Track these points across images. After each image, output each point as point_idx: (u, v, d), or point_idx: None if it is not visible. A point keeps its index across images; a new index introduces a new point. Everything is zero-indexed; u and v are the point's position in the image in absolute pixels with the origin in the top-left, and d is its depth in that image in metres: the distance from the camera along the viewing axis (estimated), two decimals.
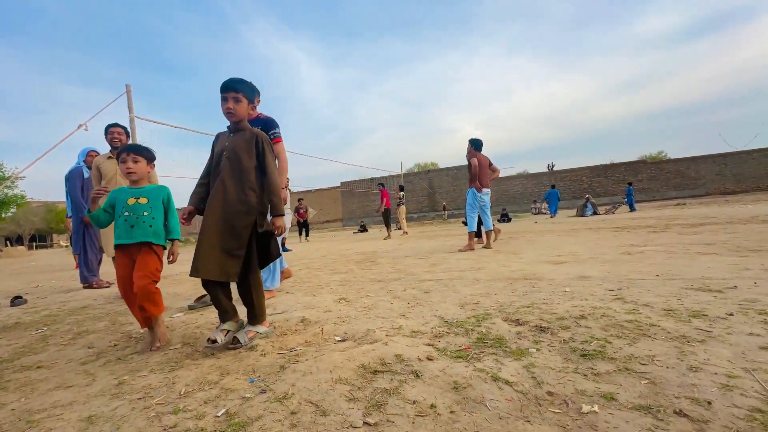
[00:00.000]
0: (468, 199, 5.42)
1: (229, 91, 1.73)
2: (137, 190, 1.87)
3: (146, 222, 1.81)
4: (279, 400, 1.15)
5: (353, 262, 4.96)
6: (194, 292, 3.35)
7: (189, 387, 1.31)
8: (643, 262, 3.04)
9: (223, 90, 1.74)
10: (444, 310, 2.08)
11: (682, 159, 25.12)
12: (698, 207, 12.61)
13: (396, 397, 1.13)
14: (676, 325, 1.53)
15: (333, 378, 1.27)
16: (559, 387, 1.11)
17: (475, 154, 5.37)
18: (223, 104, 1.75)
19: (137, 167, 1.89)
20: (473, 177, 5.30)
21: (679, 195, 24.18)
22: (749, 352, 1.23)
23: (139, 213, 1.80)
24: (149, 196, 1.87)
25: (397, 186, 12.22)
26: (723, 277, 2.31)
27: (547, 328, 1.62)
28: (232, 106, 1.73)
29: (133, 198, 1.84)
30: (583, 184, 26.66)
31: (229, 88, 1.73)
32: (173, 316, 2.48)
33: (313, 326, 1.95)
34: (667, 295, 1.98)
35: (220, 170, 1.73)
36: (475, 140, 5.49)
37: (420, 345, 1.54)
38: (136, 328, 2.22)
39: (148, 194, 1.88)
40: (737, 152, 23.85)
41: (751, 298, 1.82)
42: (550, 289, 2.38)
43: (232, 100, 1.73)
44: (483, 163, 5.35)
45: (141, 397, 1.27)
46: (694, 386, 1.05)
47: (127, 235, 1.78)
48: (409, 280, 3.17)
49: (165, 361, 1.62)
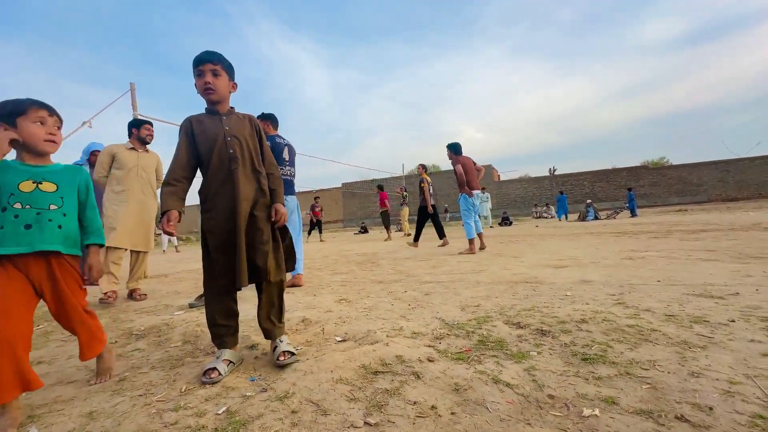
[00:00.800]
0: (461, 205, 5.40)
1: (205, 63, 1.44)
2: (38, 169, 1.25)
3: (54, 220, 1.23)
4: (280, 399, 1.16)
5: (354, 263, 4.96)
6: (194, 290, 3.36)
7: (190, 384, 1.32)
8: (644, 268, 3.04)
9: (198, 63, 1.44)
10: (445, 312, 2.08)
11: (684, 165, 25.10)
12: (700, 213, 12.59)
13: (397, 397, 1.13)
14: (677, 330, 1.52)
15: (334, 378, 1.28)
16: (560, 390, 1.11)
17: (457, 159, 5.33)
18: (199, 80, 1.45)
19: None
20: (461, 183, 5.27)
21: (680, 201, 24.15)
22: (751, 358, 1.23)
23: (42, 206, 1.21)
24: (59, 181, 1.28)
25: (400, 187, 12.24)
26: (725, 283, 2.30)
27: (548, 331, 1.62)
28: (210, 80, 1.44)
29: (32, 182, 1.21)
30: (585, 189, 26.64)
31: (205, 60, 1.44)
32: (173, 314, 2.49)
33: (314, 326, 1.95)
34: (668, 301, 1.98)
35: (223, 160, 1.46)
36: (454, 144, 5.46)
37: (421, 346, 1.54)
38: (137, 324, 2.22)
39: (57, 178, 1.28)
40: (739, 159, 23.81)
41: (753, 304, 1.81)
42: (551, 292, 2.38)
43: (210, 73, 1.45)
44: (468, 166, 5.32)
45: (142, 393, 1.27)
46: (695, 392, 1.04)
47: (17, 239, 1.15)
48: (409, 281, 3.17)
49: (166, 358, 1.63)
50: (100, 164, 3.31)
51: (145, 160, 3.45)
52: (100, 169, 3.31)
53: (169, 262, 7.27)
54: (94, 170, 3.40)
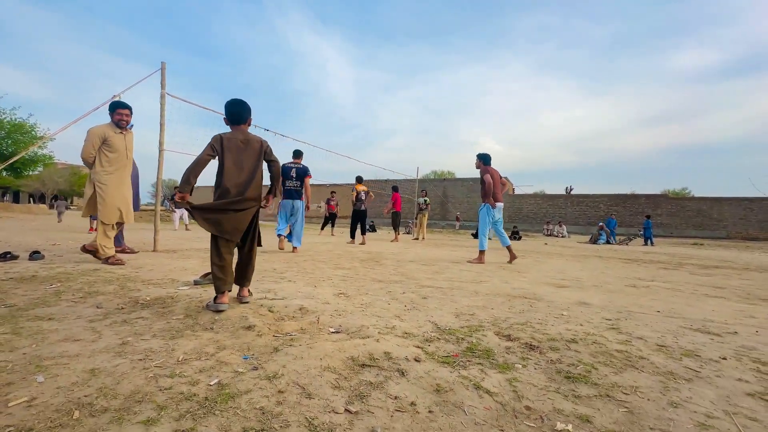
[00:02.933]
0: (481, 215, 5.41)
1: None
2: None
3: None
4: (269, 378, 1.21)
5: (358, 260, 5.02)
6: (202, 267, 3.46)
7: (187, 355, 1.39)
8: (646, 297, 3.01)
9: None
10: (439, 317, 2.12)
11: (706, 198, 24.46)
12: (716, 249, 12.27)
13: (379, 391, 1.17)
14: (665, 361, 1.53)
15: (322, 365, 1.33)
16: (538, 403, 1.14)
17: (486, 169, 5.35)
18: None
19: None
20: (487, 193, 5.28)
21: (698, 234, 23.53)
22: (734, 396, 1.23)
23: None
24: None
25: (422, 191, 12.21)
26: (725, 321, 2.28)
27: (537, 347, 1.64)
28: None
29: None
30: (600, 212, 26.18)
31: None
32: (179, 288, 2.58)
33: (310, 315, 2.01)
34: (663, 332, 1.97)
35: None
36: (484, 155, 5.47)
37: (410, 346, 1.58)
38: (143, 294, 2.32)
39: None
40: (764, 198, 23.06)
41: (749, 345, 1.80)
42: (547, 310, 2.39)
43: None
44: (495, 178, 5.36)
45: (141, 358, 1.35)
46: (670, 421, 1.06)
47: None
48: (409, 284, 3.21)
49: (167, 328, 1.71)
50: (91, 145, 3.63)
51: (129, 141, 3.89)
52: (90, 149, 3.63)
53: (179, 239, 7.46)
54: (84, 147, 3.64)
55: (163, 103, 5.14)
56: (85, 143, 3.61)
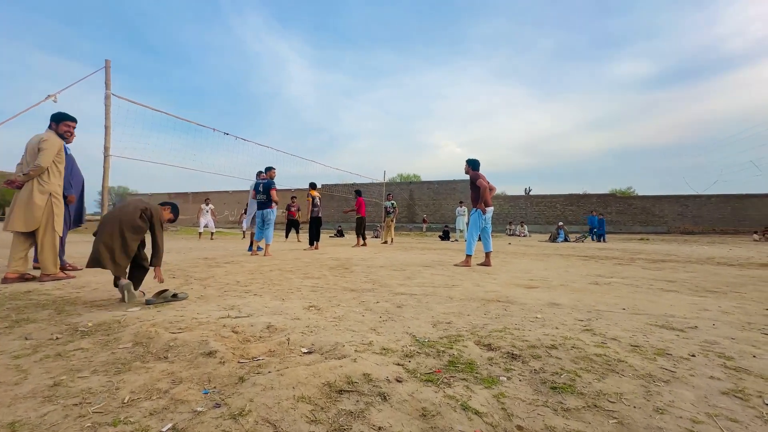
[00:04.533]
0: (472, 220, 5.38)
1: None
2: None
3: None
4: (234, 417, 1.06)
5: (327, 267, 4.85)
6: (154, 283, 3.15)
7: (135, 394, 1.20)
8: (610, 294, 3.13)
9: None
10: (416, 327, 2.04)
11: (648, 197, 26.56)
12: (660, 243, 13.30)
13: (360, 421, 1.06)
14: (642, 362, 1.54)
15: (295, 395, 1.19)
16: (528, 421, 1.08)
17: (478, 175, 5.32)
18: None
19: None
20: (480, 198, 5.24)
21: (643, 230, 25.48)
22: (711, 396, 1.25)
23: None
24: None
25: (388, 195, 12.19)
26: (684, 316, 2.39)
27: (519, 355, 1.60)
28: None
29: None
30: (557, 211, 27.62)
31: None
32: (128, 310, 2.31)
33: (279, 334, 1.86)
34: (633, 330, 2.02)
35: None
36: (473, 160, 5.45)
37: (390, 364, 1.48)
38: (84, 320, 2.04)
39: None
40: (698, 195, 25.48)
41: (710, 339, 1.88)
42: (522, 314, 2.39)
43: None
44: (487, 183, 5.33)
45: (78, 402, 1.14)
46: (661, 430, 1.04)
47: None
48: (382, 292, 3.12)
49: (111, 361, 1.49)
50: (50, 154, 3.43)
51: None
52: (49, 158, 3.42)
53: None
54: (41, 155, 3.39)
55: (108, 104, 4.70)
56: (47, 152, 3.40)
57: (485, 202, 5.29)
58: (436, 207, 30.20)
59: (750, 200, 24.36)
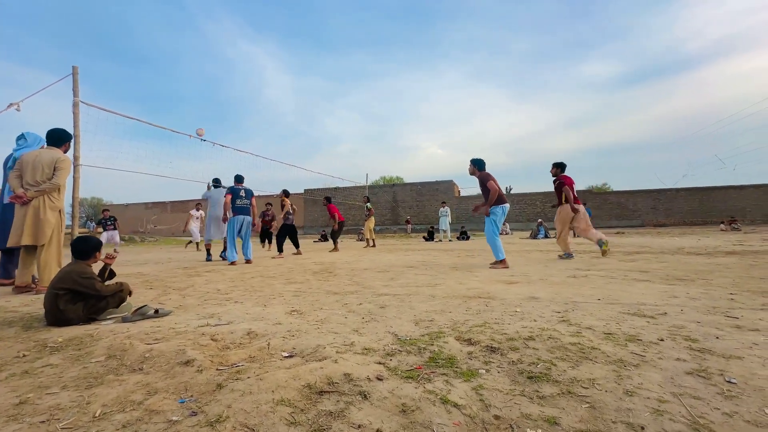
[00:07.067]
0: (488, 223, 5.06)
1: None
2: None
3: None
4: (210, 424, 1.05)
5: (310, 272, 4.81)
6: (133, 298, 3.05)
7: (107, 408, 1.16)
8: (586, 286, 3.23)
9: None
10: (398, 326, 2.05)
11: (623, 192, 27.55)
12: (635, 236, 13.80)
13: (341, 420, 1.06)
14: (614, 348, 1.60)
15: (274, 399, 1.18)
16: (505, 410, 1.11)
17: (487, 175, 5.01)
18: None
19: None
20: (492, 199, 4.92)
21: (619, 224, 26.36)
22: (677, 377, 1.31)
23: None
24: None
25: (364, 197, 12.19)
26: (655, 303, 2.49)
27: (498, 348, 1.64)
28: None
29: None
30: (536, 208, 28.28)
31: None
32: (101, 323, 2.23)
33: (260, 340, 1.83)
34: (607, 319, 2.09)
35: None
36: (478, 160, 5.11)
37: (371, 363, 1.49)
38: (54, 336, 1.96)
39: None
40: (668, 189, 26.60)
41: (678, 324, 1.97)
42: (502, 308, 2.44)
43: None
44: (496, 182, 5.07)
45: (45, 419, 1.10)
46: (629, 410, 1.09)
47: None
48: (365, 293, 3.12)
49: (83, 376, 1.43)
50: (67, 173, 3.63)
51: None
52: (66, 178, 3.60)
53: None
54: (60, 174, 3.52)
55: (76, 112, 4.55)
56: (65, 171, 3.57)
57: (500, 200, 5.01)
58: (420, 208, 30.42)
59: (716, 192, 25.61)
